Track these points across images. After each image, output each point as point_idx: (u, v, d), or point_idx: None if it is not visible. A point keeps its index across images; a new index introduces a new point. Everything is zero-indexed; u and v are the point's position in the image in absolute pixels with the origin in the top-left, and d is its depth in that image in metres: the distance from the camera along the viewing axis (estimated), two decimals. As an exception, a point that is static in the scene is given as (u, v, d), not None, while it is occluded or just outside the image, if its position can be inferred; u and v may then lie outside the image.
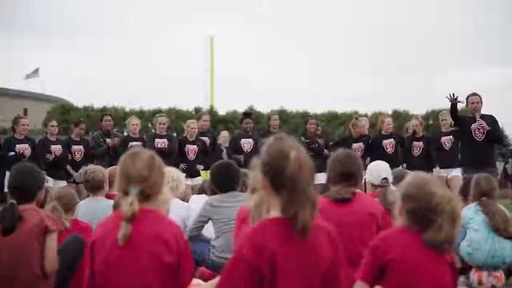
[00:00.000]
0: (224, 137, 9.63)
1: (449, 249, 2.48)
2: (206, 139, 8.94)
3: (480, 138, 7.55)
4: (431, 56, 61.04)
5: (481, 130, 7.54)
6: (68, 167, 8.40)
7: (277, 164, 2.03)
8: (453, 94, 7.47)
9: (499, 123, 7.96)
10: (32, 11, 79.06)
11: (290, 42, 67.28)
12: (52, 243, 3.22)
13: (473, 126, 7.57)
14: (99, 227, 2.48)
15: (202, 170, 8.66)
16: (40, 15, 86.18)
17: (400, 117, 25.65)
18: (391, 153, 8.56)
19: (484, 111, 7.73)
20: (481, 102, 7.69)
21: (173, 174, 4.77)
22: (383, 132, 8.83)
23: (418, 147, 8.55)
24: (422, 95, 55.55)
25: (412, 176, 2.61)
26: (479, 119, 7.53)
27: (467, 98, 7.70)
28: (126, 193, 2.39)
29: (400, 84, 61.01)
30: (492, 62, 65.02)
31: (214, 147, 9.11)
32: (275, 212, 2.07)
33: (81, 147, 8.69)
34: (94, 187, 4.69)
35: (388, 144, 8.67)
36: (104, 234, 2.38)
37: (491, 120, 7.64)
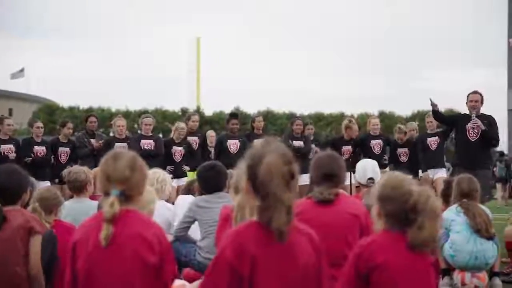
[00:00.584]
0: (211, 136, 9.59)
1: (433, 248, 2.44)
2: (195, 138, 8.93)
3: (474, 138, 7.16)
4: (431, 56, 61.08)
5: (475, 130, 7.14)
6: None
7: (254, 169, 2.06)
8: (430, 99, 7.41)
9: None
10: (18, 11, 78.43)
11: (276, 42, 67.35)
12: (36, 246, 3.19)
13: (468, 125, 7.19)
14: (81, 228, 2.46)
15: (188, 171, 8.64)
16: (25, 15, 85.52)
17: (386, 118, 25.84)
18: (378, 153, 8.67)
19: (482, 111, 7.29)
20: (482, 102, 7.26)
21: (158, 175, 4.73)
22: (371, 133, 8.92)
23: (404, 153, 8.75)
24: (409, 97, 55.94)
25: (386, 176, 2.56)
26: (474, 117, 7.12)
27: (467, 96, 7.31)
28: (107, 194, 2.38)
29: (387, 86, 61.25)
30: (493, 63, 65.36)
31: (204, 147, 9.09)
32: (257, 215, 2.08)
33: (67, 149, 8.63)
34: (76, 187, 4.65)
35: (376, 144, 8.77)
36: (86, 234, 2.36)
37: (488, 120, 7.21)
